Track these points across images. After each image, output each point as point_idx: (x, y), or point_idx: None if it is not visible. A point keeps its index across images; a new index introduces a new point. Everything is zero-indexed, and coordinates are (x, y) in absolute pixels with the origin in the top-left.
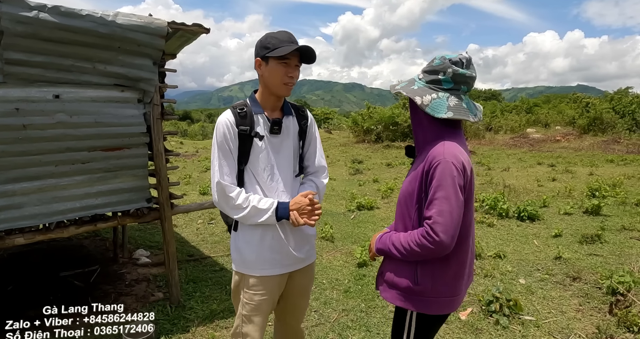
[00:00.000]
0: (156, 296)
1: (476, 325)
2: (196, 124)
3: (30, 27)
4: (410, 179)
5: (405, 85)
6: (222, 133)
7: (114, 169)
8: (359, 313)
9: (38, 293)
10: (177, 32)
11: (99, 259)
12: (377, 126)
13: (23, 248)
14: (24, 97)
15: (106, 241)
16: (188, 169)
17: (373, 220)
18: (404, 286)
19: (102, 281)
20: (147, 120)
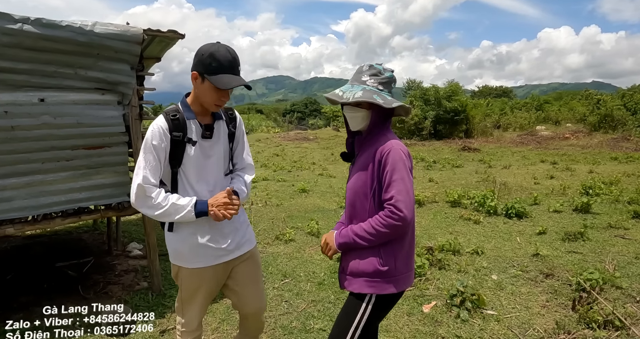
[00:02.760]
0: (141, 285)
1: (437, 318)
2: None
3: (15, 38)
4: (359, 175)
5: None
6: (154, 139)
7: (95, 166)
8: (327, 303)
9: (34, 281)
10: (155, 38)
11: (94, 252)
12: None
13: (25, 241)
14: (12, 101)
15: (103, 234)
16: None
17: None
18: (372, 270)
19: (94, 272)
20: (126, 120)
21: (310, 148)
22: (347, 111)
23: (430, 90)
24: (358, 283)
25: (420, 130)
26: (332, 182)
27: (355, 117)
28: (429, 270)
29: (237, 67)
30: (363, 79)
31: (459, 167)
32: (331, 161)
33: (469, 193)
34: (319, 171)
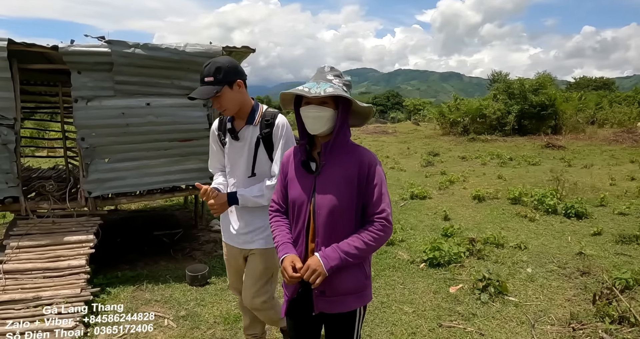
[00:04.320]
0: (218, 253)
1: (459, 298)
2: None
3: (129, 59)
4: (338, 191)
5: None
6: (212, 133)
7: (186, 155)
8: None
9: (136, 244)
10: (232, 52)
11: (183, 225)
12: (464, 118)
13: (130, 214)
14: (127, 105)
15: (191, 212)
16: None
17: (420, 208)
18: (359, 285)
19: (183, 240)
20: (209, 119)
21: (387, 142)
22: (309, 110)
23: (515, 83)
24: (346, 301)
25: (502, 125)
26: (400, 176)
27: (320, 118)
28: (466, 259)
29: (203, 79)
30: (328, 78)
31: (535, 165)
32: (405, 155)
33: (530, 191)
34: (391, 164)
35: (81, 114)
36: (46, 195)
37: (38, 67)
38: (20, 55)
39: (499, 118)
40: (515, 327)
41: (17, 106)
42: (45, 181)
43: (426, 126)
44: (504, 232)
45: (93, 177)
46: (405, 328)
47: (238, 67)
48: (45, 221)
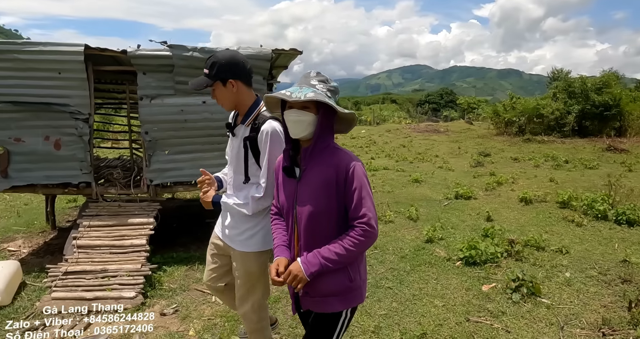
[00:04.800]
0: None
1: (491, 296)
2: None
3: (188, 61)
4: (317, 197)
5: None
6: None
7: None
8: (402, 271)
9: (190, 230)
10: (281, 54)
11: None
12: (520, 117)
13: (185, 202)
14: (185, 103)
15: None
16: None
17: (463, 208)
18: (342, 288)
19: None
20: None
21: (438, 141)
22: (291, 114)
23: (576, 81)
24: (330, 302)
25: (561, 126)
26: (448, 175)
27: (300, 122)
28: (503, 259)
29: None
30: (312, 83)
31: (592, 168)
32: (455, 155)
33: (579, 195)
34: (439, 163)
35: (145, 110)
36: (113, 182)
37: (109, 69)
38: (94, 59)
39: (558, 118)
40: (544, 327)
41: (91, 102)
42: (113, 170)
43: (480, 126)
44: (547, 235)
45: (154, 167)
46: (433, 320)
47: (236, 67)
48: (112, 204)
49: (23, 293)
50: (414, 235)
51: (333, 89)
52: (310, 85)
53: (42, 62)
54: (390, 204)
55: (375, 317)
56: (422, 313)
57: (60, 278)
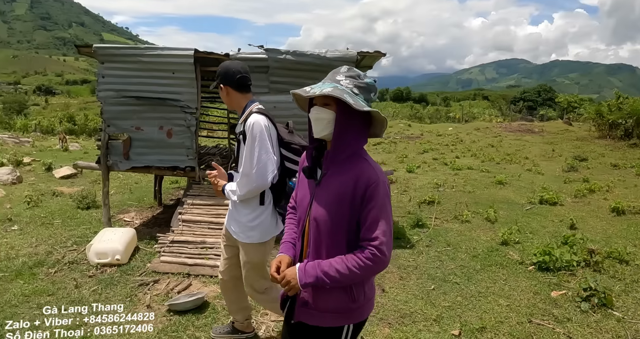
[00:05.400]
0: None
1: (559, 302)
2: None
3: (281, 63)
4: (331, 205)
5: (352, 99)
6: None
7: None
8: (472, 269)
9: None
10: (365, 56)
11: None
12: (627, 119)
13: None
14: (277, 100)
15: None
16: (408, 149)
17: (546, 214)
18: (342, 307)
19: None
20: None
21: (530, 142)
22: (312, 111)
23: None
24: (325, 318)
25: None
26: (536, 179)
27: (320, 120)
28: (580, 268)
29: None
30: (338, 78)
31: None
32: (547, 158)
33: None
34: (528, 166)
35: None
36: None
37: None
38: (201, 61)
39: None
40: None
41: (198, 98)
42: (213, 157)
43: (580, 127)
44: (634, 249)
45: None
46: (494, 317)
47: (226, 75)
48: (211, 186)
49: (137, 256)
50: (489, 236)
51: (364, 86)
52: (335, 80)
53: (160, 64)
54: (469, 204)
55: (438, 307)
56: (485, 309)
57: (168, 245)
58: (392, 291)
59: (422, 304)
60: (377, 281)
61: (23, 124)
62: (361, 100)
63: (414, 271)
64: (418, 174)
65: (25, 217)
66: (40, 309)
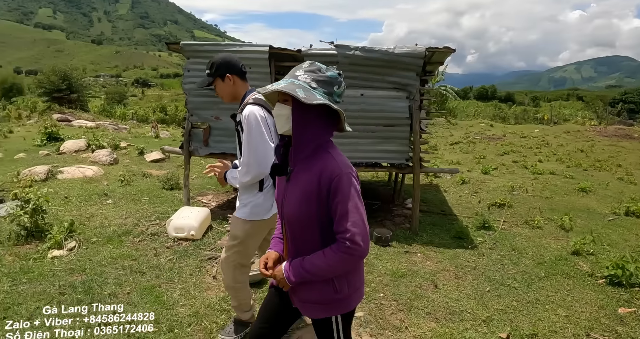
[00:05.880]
0: (405, 226)
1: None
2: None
3: (350, 59)
4: (299, 202)
5: (306, 93)
6: None
7: (387, 138)
8: (534, 276)
9: None
10: (435, 52)
11: (382, 199)
12: None
13: None
14: (346, 95)
15: (391, 189)
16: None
17: (631, 227)
18: (326, 298)
19: (379, 211)
20: (410, 110)
21: (627, 148)
22: (275, 108)
23: None
24: (313, 309)
25: None
26: (626, 189)
27: (280, 116)
28: None
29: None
30: (296, 74)
31: None
32: None
33: None
34: (620, 174)
35: None
36: None
37: (287, 64)
38: (276, 56)
39: None
40: None
41: None
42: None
43: None
44: None
45: None
46: (548, 325)
47: (230, 63)
48: None
49: (210, 233)
50: (560, 245)
51: (324, 80)
52: (293, 76)
53: None
54: (544, 210)
55: (490, 309)
56: (539, 317)
57: None
58: (444, 288)
59: (474, 304)
60: (431, 277)
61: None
62: (319, 94)
63: (471, 271)
64: (494, 176)
65: (119, 194)
66: (124, 270)
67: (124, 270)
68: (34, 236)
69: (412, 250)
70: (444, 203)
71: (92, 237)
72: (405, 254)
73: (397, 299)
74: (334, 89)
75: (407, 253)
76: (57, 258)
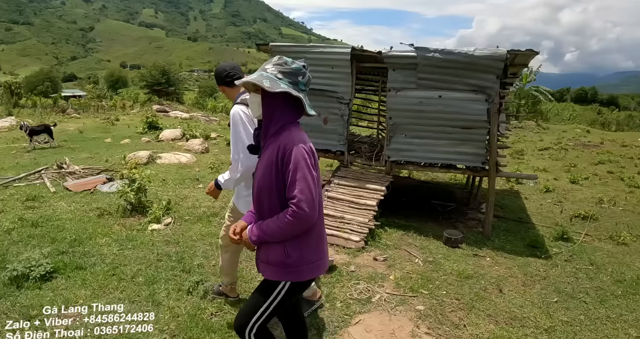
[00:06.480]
0: (477, 230)
1: None
2: (621, 112)
3: (429, 61)
4: (264, 172)
5: (271, 83)
6: None
7: (464, 140)
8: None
9: (415, 206)
10: (517, 55)
11: (457, 201)
12: None
13: (417, 183)
14: (424, 96)
15: (467, 192)
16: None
17: None
18: (279, 261)
19: (453, 213)
20: (488, 113)
21: None
22: (249, 96)
23: None
24: (270, 270)
25: None
26: None
27: (253, 103)
28: None
29: None
30: (266, 67)
31: None
32: None
33: None
34: None
35: (392, 100)
36: (360, 154)
37: (368, 65)
38: (357, 57)
39: None
40: None
41: (352, 91)
42: (362, 144)
43: None
44: None
45: (393, 146)
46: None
47: (217, 76)
48: (356, 170)
49: None
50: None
51: (289, 71)
52: (263, 69)
53: (322, 60)
54: (634, 226)
55: (554, 320)
56: (607, 334)
57: None
58: (509, 294)
59: (538, 313)
60: (497, 282)
61: (212, 105)
62: (284, 83)
63: (540, 281)
64: (582, 186)
65: (208, 179)
66: (211, 245)
67: (211, 246)
68: (137, 211)
69: (481, 254)
70: (522, 210)
71: (185, 216)
72: (474, 257)
73: (459, 298)
74: (299, 79)
75: (475, 256)
76: (155, 231)
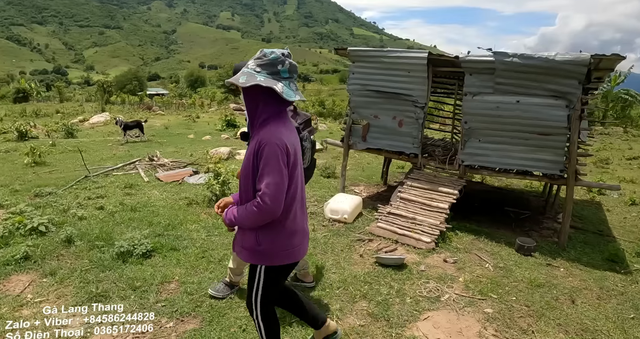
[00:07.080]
0: (552, 239)
1: None
2: None
3: (507, 65)
4: (246, 161)
5: (247, 78)
6: None
7: (542, 146)
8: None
9: (488, 212)
10: (602, 60)
11: (532, 209)
12: None
13: (490, 189)
14: (501, 101)
15: (544, 200)
16: None
17: None
18: (251, 247)
19: (527, 221)
20: (569, 119)
21: None
22: None
23: None
24: (244, 254)
25: None
26: None
27: (243, 100)
28: None
29: None
30: (248, 63)
31: None
32: None
33: None
34: None
35: (468, 104)
36: (434, 157)
37: (444, 70)
38: (433, 62)
39: None
40: None
41: (428, 95)
42: (436, 148)
43: None
44: None
45: (467, 151)
46: None
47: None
48: (429, 173)
49: (360, 219)
50: None
51: (267, 63)
52: (246, 66)
53: (398, 64)
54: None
55: (629, 336)
56: None
57: (385, 215)
58: (582, 306)
59: (611, 327)
60: (570, 293)
61: None
62: (262, 75)
63: (617, 296)
64: None
65: None
66: None
67: None
68: None
69: (555, 264)
70: (603, 223)
71: None
72: (547, 266)
73: (529, 305)
74: (279, 68)
75: (548, 266)
76: None
